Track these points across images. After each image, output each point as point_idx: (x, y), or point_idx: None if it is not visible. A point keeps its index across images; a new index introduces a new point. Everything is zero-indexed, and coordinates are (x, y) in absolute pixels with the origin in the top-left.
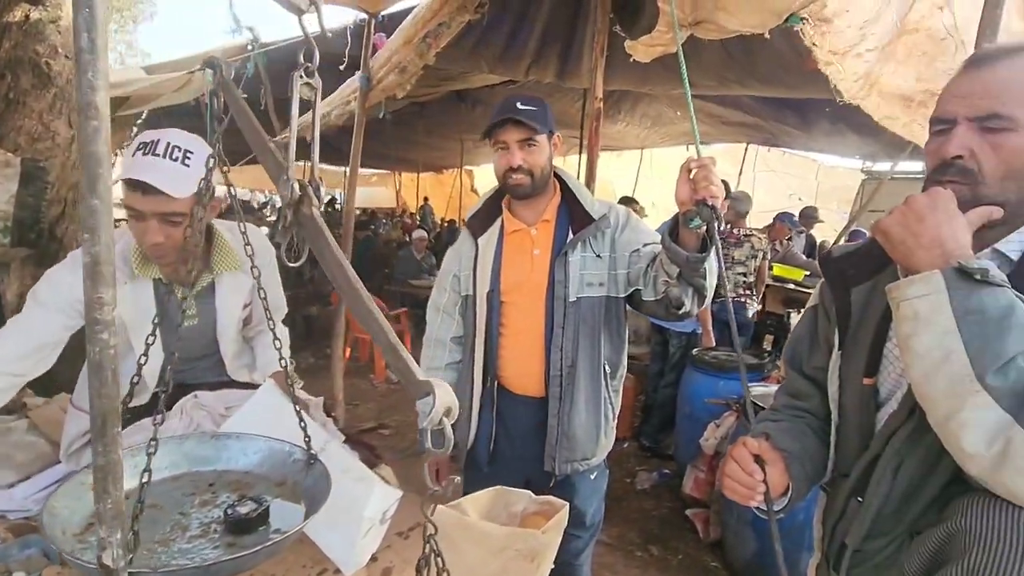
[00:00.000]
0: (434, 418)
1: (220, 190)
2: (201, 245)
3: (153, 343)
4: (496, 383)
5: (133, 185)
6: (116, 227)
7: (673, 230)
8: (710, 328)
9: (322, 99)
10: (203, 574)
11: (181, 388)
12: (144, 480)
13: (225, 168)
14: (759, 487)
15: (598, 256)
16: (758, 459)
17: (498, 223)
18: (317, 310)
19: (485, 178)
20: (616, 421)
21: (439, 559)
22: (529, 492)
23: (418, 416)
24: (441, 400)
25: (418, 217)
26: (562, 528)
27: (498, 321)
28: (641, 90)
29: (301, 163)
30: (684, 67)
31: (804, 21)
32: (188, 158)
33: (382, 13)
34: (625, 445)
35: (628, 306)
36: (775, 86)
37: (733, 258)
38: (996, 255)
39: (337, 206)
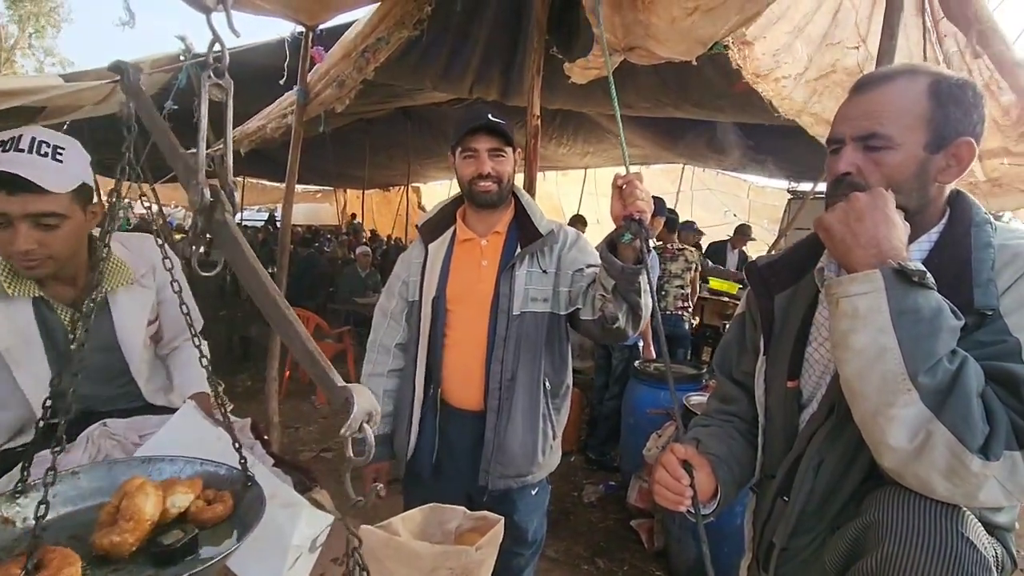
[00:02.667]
0: (352, 425)
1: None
2: (84, 257)
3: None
4: (439, 394)
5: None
6: None
7: (612, 246)
8: (651, 340)
9: (255, 113)
10: None
11: (88, 415)
12: (41, 514)
13: (141, 180)
14: (687, 491)
15: (544, 272)
16: (686, 464)
17: (450, 231)
18: (255, 331)
19: (433, 195)
20: (558, 440)
21: (364, 573)
22: (464, 508)
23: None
24: (361, 406)
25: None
26: (497, 543)
27: (442, 329)
28: (582, 110)
29: (236, 178)
30: (614, 89)
31: (727, 48)
32: (59, 153)
33: (320, 26)
34: (572, 459)
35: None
36: (708, 109)
37: (671, 272)
38: None
39: (278, 223)
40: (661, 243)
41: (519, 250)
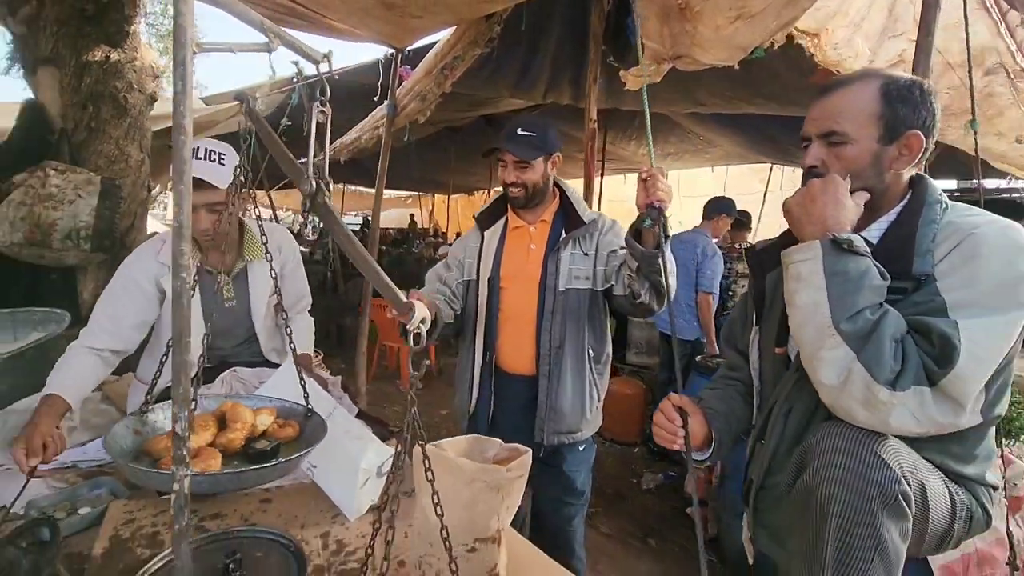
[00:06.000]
0: (413, 323)
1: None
2: (236, 235)
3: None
4: (494, 360)
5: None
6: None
7: (637, 233)
8: (714, 336)
9: (354, 125)
10: (235, 479)
11: (224, 365)
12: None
13: (254, 181)
14: (679, 432)
15: (585, 254)
16: (681, 411)
17: (503, 220)
18: (349, 320)
19: (477, 208)
20: (601, 402)
21: (418, 423)
22: (500, 440)
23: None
24: (418, 313)
25: (409, 234)
26: (526, 469)
27: (497, 304)
28: (652, 110)
29: (338, 186)
30: (646, 99)
31: (766, 52)
32: (222, 159)
33: (408, 48)
34: (635, 450)
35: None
36: (782, 103)
37: (737, 271)
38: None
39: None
40: (728, 243)
41: (564, 235)
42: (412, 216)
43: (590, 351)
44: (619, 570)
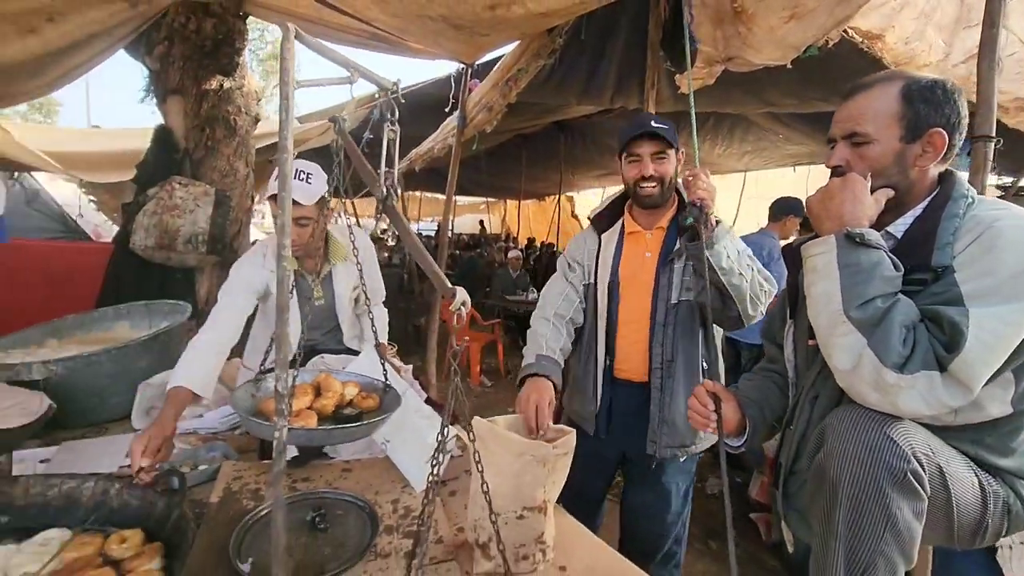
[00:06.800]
0: (455, 305)
1: (332, 202)
2: (321, 244)
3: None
4: (612, 365)
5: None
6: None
7: (694, 234)
8: None
9: (428, 134)
10: (326, 435)
11: (312, 351)
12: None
13: (346, 193)
14: (712, 416)
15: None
16: (715, 396)
17: (619, 223)
18: (424, 320)
19: (586, 204)
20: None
21: (460, 391)
22: (550, 421)
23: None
24: (459, 297)
25: (481, 239)
26: (570, 447)
27: (616, 309)
28: (724, 111)
29: (414, 193)
30: (692, 100)
31: (820, 50)
32: (309, 179)
33: (477, 62)
34: (700, 456)
35: None
36: None
37: None
38: (887, 235)
39: (452, 233)
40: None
41: (678, 244)
42: (481, 222)
43: (703, 364)
44: None
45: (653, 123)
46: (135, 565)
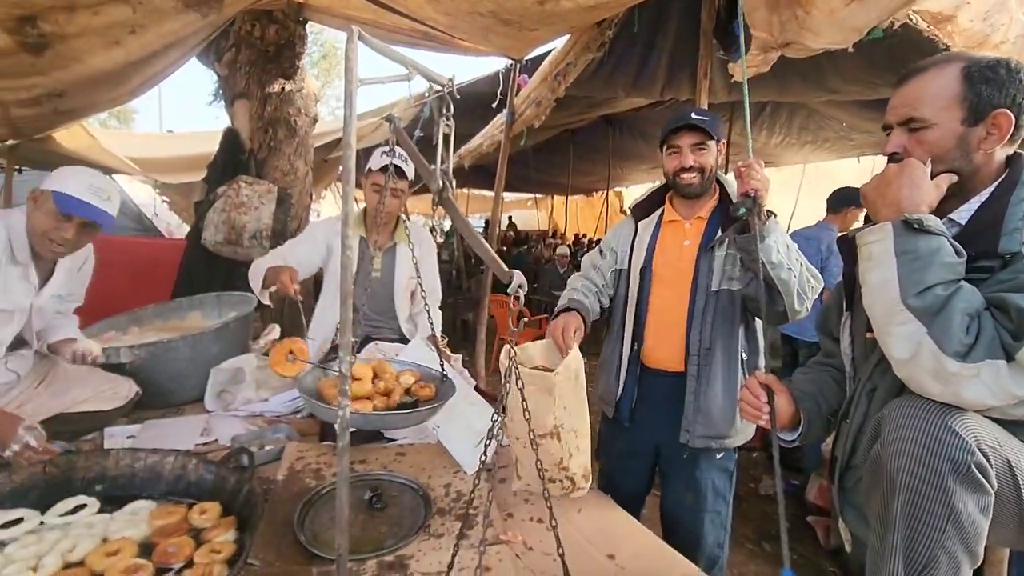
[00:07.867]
0: (513, 288)
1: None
2: (392, 221)
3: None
4: (640, 351)
5: (384, 168)
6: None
7: (744, 227)
8: None
9: (478, 131)
10: (381, 419)
11: (368, 339)
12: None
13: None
14: (764, 408)
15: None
16: (768, 388)
17: (658, 212)
18: (472, 315)
19: (635, 199)
20: None
21: (516, 368)
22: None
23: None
24: (517, 280)
25: (527, 235)
26: (571, 372)
27: (648, 296)
28: (783, 100)
29: (462, 190)
30: (747, 90)
31: (885, 32)
32: (407, 160)
33: (525, 58)
34: (755, 454)
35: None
36: None
37: None
38: (950, 223)
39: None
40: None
41: (719, 233)
42: (510, 218)
43: (743, 354)
44: (727, 566)
45: (693, 115)
46: (213, 535)
